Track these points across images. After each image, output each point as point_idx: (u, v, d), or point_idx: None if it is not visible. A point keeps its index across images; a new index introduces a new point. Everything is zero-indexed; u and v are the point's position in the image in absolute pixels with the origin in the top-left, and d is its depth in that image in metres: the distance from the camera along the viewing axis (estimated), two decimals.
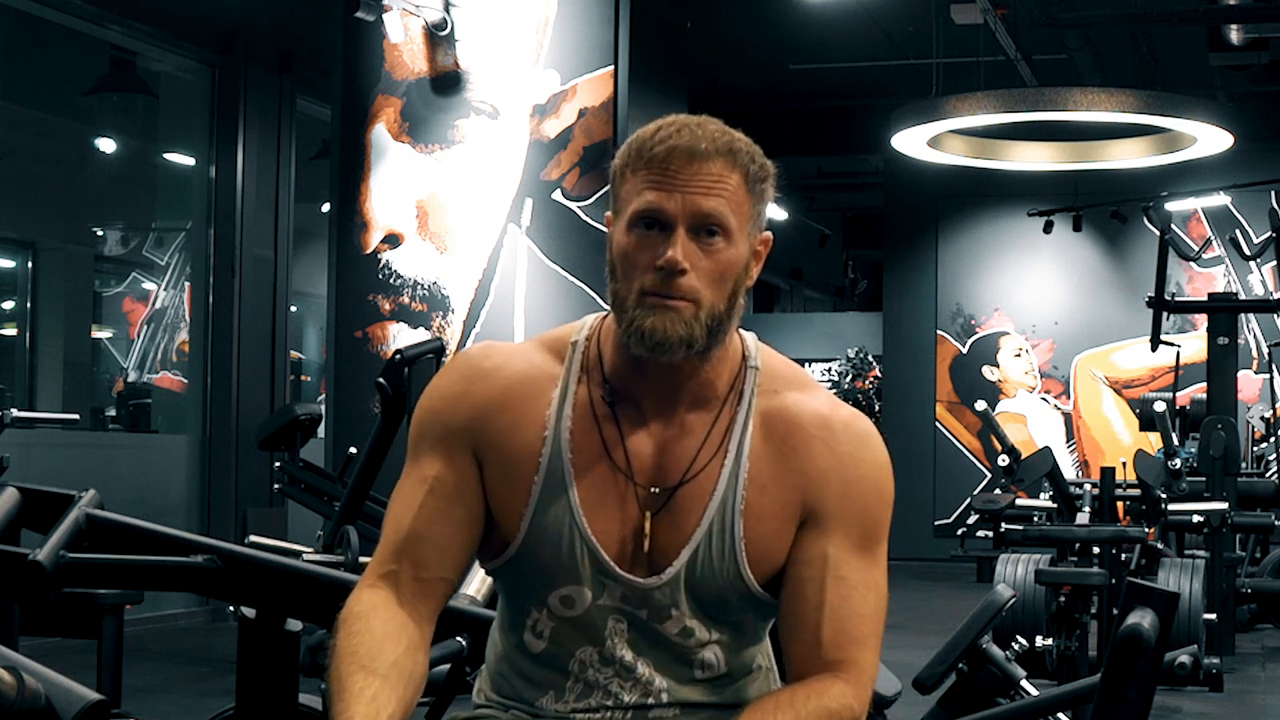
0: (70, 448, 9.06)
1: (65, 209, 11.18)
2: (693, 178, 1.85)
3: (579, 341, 1.98)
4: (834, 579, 1.91)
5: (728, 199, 1.87)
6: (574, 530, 1.91)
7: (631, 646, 1.94)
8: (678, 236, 1.85)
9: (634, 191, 1.88)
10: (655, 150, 1.86)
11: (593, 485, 1.92)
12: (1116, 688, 2.17)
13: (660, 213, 1.85)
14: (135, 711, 5.77)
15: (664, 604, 1.92)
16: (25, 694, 1.80)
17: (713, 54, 13.32)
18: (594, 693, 1.95)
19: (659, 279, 1.85)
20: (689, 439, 1.93)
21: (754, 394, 1.96)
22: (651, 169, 1.86)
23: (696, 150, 1.86)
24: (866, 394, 18.31)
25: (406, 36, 8.03)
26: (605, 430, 1.93)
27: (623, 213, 1.89)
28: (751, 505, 1.91)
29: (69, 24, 9.40)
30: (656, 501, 1.92)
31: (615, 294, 1.89)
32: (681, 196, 1.85)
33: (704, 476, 1.92)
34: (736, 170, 1.88)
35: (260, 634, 2.54)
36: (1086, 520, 7.16)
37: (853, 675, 1.91)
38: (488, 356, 1.98)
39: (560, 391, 1.95)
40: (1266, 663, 8.56)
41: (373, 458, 6.51)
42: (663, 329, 1.85)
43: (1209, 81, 13.45)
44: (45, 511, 2.48)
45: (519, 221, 7.90)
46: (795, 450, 1.93)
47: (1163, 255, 10.50)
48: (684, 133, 1.87)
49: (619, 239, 1.89)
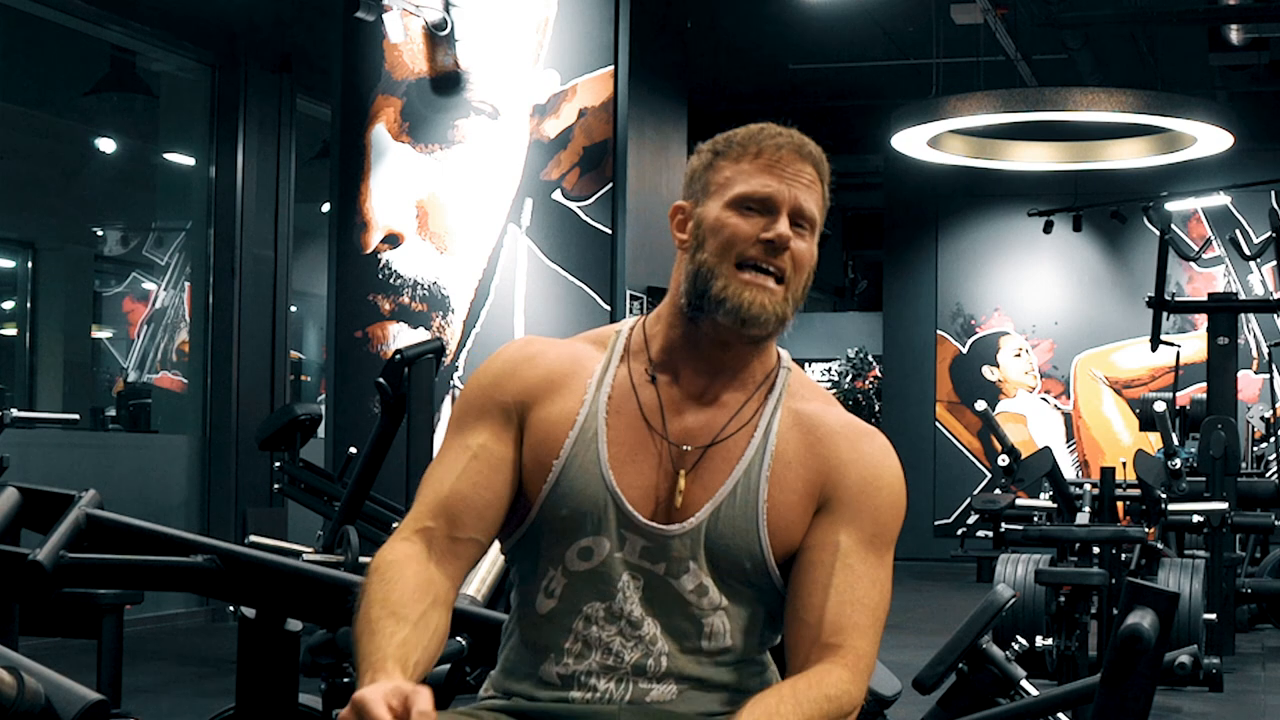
0: (70, 448, 9.06)
1: (65, 209, 11.18)
2: (799, 174, 2.03)
3: (623, 330, 2.11)
4: (842, 566, 1.98)
5: (817, 201, 2.05)
6: (601, 481, 1.99)
7: (643, 602, 1.98)
8: (783, 219, 2.00)
9: (739, 176, 2.02)
10: (767, 144, 2.03)
11: (624, 443, 2.01)
12: (1116, 688, 2.17)
13: (771, 198, 2.00)
14: (135, 711, 5.77)
15: (683, 555, 1.98)
16: (25, 694, 1.80)
17: (713, 54, 13.33)
18: (593, 651, 1.98)
19: (764, 250, 1.99)
20: (722, 411, 2.04)
21: (784, 392, 2.07)
22: (761, 157, 2.02)
23: (803, 151, 2.04)
24: (866, 394, 18.30)
25: (406, 36, 8.03)
26: (643, 396, 2.04)
27: (722, 194, 2.02)
28: (776, 474, 2.00)
29: (69, 24, 9.40)
30: (688, 460, 2.01)
31: (703, 264, 2.00)
32: (789, 188, 2.01)
33: (733, 442, 2.02)
34: (820, 179, 2.06)
35: (260, 634, 2.54)
36: (1086, 520, 7.16)
37: (850, 661, 1.94)
38: (531, 343, 2.10)
39: (602, 367, 2.06)
40: (1266, 663, 8.56)
41: (373, 458, 6.50)
42: (760, 304, 1.98)
43: (1209, 81, 13.45)
44: (45, 511, 2.49)
45: (519, 221, 7.90)
46: (820, 440, 2.03)
47: (1163, 255, 10.51)
48: (786, 135, 2.05)
49: (717, 215, 2.01)
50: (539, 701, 1.99)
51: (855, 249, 22.72)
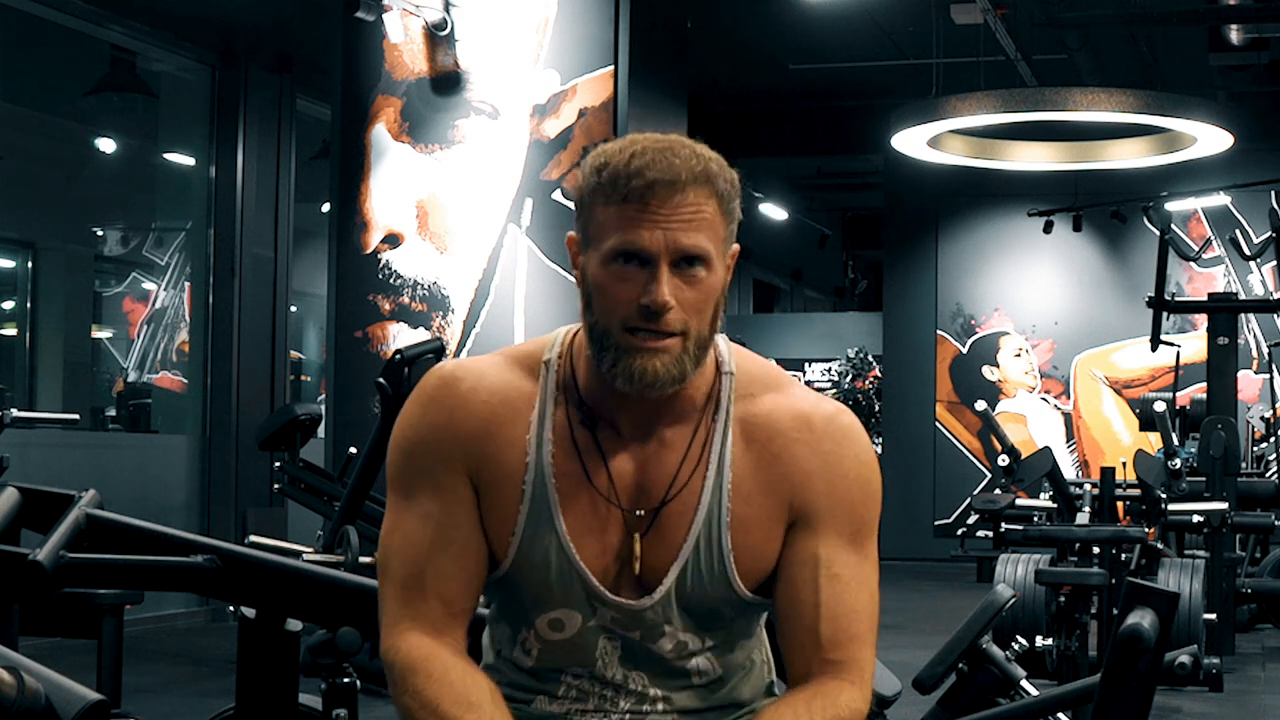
0: (70, 448, 9.06)
1: (65, 209, 11.17)
2: (673, 212, 1.81)
3: (551, 360, 1.95)
4: (827, 577, 1.91)
5: (707, 229, 1.83)
6: (562, 557, 1.90)
7: (623, 665, 1.94)
8: (662, 274, 1.82)
9: (610, 225, 1.83)
10: (633, 184, 1.81)
11: (578, 512, 1.90)
12: (1116, 688, 2.17)
13: (643, 250, 1.82)
14: (135, 711, 5.77)
15: (656, 622, 1.92)
16: (25, 694, 1.80)
17: (713, 54, 13.31)
18: (587, 699, 1.96)
19: (644, 316, 1.82)
20: (670, 455, 1.91)
21: (731, 401, 1.94)
22: (629, 204, 1.82)
23: (676, 180, 1.81)
24: (866, 394, 18.30)
25: (406, 36, 8.03)
26: (585, 454, 1.91)
27: (597, 245, 1.85)
28: (737, 516, 1.91)
29: (69, 24, 9.40)
30: (643, 523, 1.91)
31: (594, 327, 1.87)
32: (663, 233, 1.81)
33: (687, 493, 1.91)
34: (713, 197, 1.84)
35: (260, 634, 2.54)
36: (1086, 520, 7.15)
37: (855, 675, 1.91)
38: (460, 379, 1.94)
39: (538, 414, 1.92)
40: (1266, 663, 8.56)
41: (373, 458, 6.50)
42: (653, 370, 1.83)
43: (1209, 81, 13.44)
44: (45, 511, 2.48)
45: (519, 221, 7.90)
46: (777, 455, 1.92)
47: (1163, 255, 10.50)
48: (659, 162, 1.82)
49: (595, 273, 1.85)
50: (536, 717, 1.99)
51: (855, 249, 22.72)
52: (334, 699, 2.59)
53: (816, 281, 23.65)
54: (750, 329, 18.87)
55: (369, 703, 6.43)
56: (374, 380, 6.63)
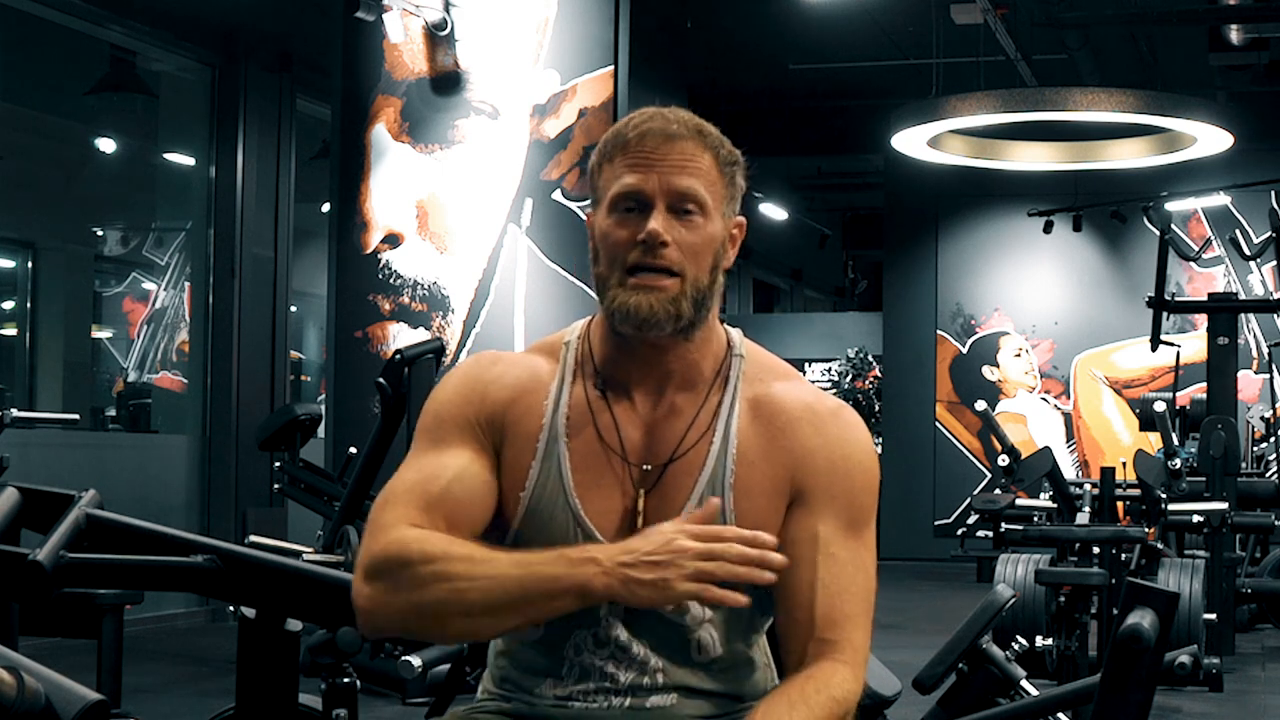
0: (70, 448, 9.06)
1: (65, 209, 11.17)
2: (666, 156, 1.94)
3: (571, 341, 2.06)
4: (825, 556, 1.95)
5: (701, 177, 1.95)
6: (569, 512, 1.96)
7: (626, 626, 1.97)
8: (658, 212, 1.93)
9: (612, 178, 1.96)
10: (629, 135, 1.95)
11: (587, 468, 1.98)
12: (1116, 688, 2.17)
13: (639, 193, 1.93)
14: (135, 711, 5.77)
15: None
16: (25, 694, 1.81)
17: (713, 54, 13.32)
18: (590, 675, 1.98)
19: (642, 252, 1.93)
20: (678, 420, 1.99)
21: (739, 380, 2.02)
22: (627, 153, 1.95)
23: (669, 131, 1.95)
24: (866, 394, 18.30)
25: (406, 36, 8.03)
26: (598, 416, 2.00)
27: (602, 200, 1.98)
28: (740, 480, 1.97)
29: (69, 24, 9.39)
30: (649, 479, 1.98)
31: (599, 278, 1.98)
32: (658, 176, 1.93)
33: (694, 454, 1.98)
34: (708, 151, 1.96)
35: (260, 634, 2.54)
36: (1086, 520, 7.15)
37: (848, 655, 1.94)
38: (494, 363, 2.06)
39: (557, 385, 2.02)
40: (1266, 663, 8.56)
41: (373, 458, 6.51)
42: (649, 306, 1.93)
43: (1209, 81, 13.44)
44: (45, 511, 2.48)
45: (519, 221, 7.90)
46: (782, 430, 1.99)
47: (1163, 255, 10.50)
48: (655, 118, 1.96)
49: (600, 224, 1.98)
50: (538, 706, 2.00)
51: (855, 249, 22.71)
52: (334, 699, 2.59)
53: (816, 281, 23.65)
54: (750, 329, 18.65)
55: (369, 703, 6.44)
56: (374, 380, 6.63)
